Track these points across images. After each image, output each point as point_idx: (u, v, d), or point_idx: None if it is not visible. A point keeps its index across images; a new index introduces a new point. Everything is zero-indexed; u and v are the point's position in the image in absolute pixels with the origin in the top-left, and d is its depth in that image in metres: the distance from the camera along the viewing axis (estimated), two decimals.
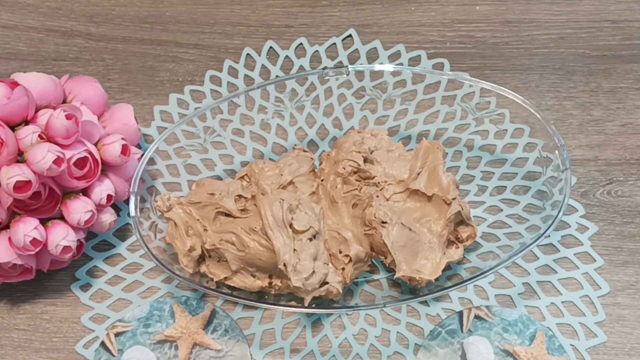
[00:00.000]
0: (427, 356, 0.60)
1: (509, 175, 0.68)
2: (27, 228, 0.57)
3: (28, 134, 0.58)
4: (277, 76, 0.74)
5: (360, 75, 0.71)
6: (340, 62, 0.75)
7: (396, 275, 0.59)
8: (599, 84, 0.73)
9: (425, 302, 0.62)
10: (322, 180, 0.63)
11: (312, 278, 0.56)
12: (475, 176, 0.68)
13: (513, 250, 0.60)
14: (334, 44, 0.76)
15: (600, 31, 0.76)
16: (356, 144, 0.63)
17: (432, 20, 0.78)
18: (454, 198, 0.60)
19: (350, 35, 0.77)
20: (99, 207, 0.62)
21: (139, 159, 0.63)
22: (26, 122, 0.60)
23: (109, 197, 0.62)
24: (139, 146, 0.68)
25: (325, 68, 0.66)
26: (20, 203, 0.58)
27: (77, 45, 0.77)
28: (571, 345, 0.60)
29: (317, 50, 0.76)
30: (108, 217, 0.63)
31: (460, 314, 0.61)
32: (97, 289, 0.64)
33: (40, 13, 0.79)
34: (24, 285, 0.64)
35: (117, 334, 0.61)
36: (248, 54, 0.76)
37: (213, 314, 0.62)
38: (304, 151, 0.66)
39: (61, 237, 0.59)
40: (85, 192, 0.61)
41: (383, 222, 0.59)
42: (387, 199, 0.61)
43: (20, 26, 0.78)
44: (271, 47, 0.76)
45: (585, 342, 0.60)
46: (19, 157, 0.58)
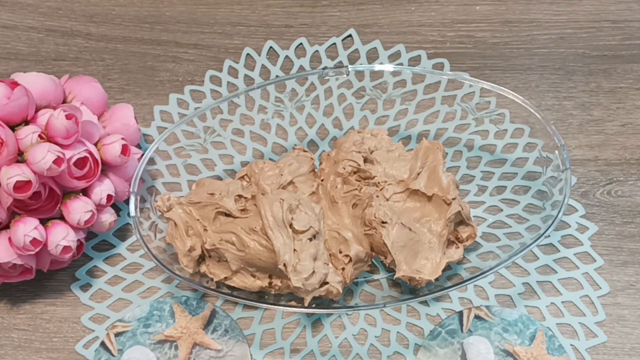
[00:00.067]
0: (427, 356, 0.60)
1: (509, 175, 0.68)
2: (27, 228, 0.57)
3: (28, 134, 0.58)
4: (277, 76, 0.74)
5: (360, 75, 0.71)
6: (340, 62, 0.75)
7: (396, 275, 0.59)
8: (599, 84, 0.73)
9: (425, 302, 0.62)
10: (322, 180, 0.63)
11: (312, 278, 0.56)
12: (475, 176, 0.68)
13: (513, 250, 0.60)
14: (334, 44, 0.76)
15: (600, 31, 0.76)
16: (356, 144, 0.63)
17: (432, 20, 0.78)
18: (454, 198, 0.60)
19: (350, 35, 0.77)
20: (99, 207, 0.62)
21: (139, 159, 0.63)
22: (26, 122, 0.60)
23: (109, 197, 0.62)
24: (139, 146, 0.68)
25: (325, 68, 0.66)
26: (20, 203, 0.58)
27: (77, 45, 0.77)
28: (571, 345, 0.60)
29: (317, 50, 0.76)
30: (108, 217, 0.63)
31: (460, 314, 0.61)
32: (97, 289, 0.64)
33: (40, 13, 0.79)
34: (24, 285, 0.64)
35: (117, 334, 0.61)
36: (248, 54, 0.76)
37: (213, 314, 0.62)
38: (304, 151, 0.66)
39: (61, 237, 0.59)
40: (85, 192, 0.61)
41: (383, 222, 0.59)
42: (387, 199, 0.61)
43: (20, 26, 0.78)
44: (271, 47, 0.76)
45: (585, 342, 0.60)
46: (19, 157, 0.58)
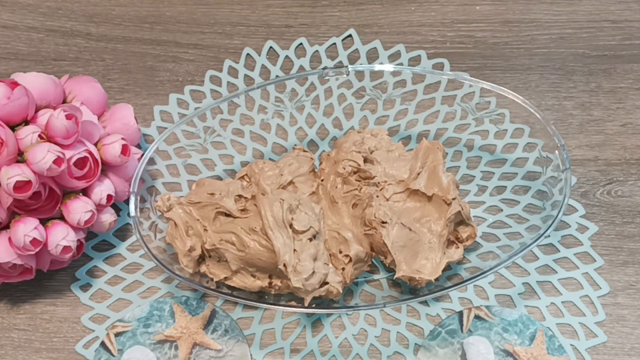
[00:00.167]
0: (427, 356, 0.60)
1: (509, 175, 0.68)
2: (27, 228, 0.57)
3: (28, 134, 0.58)
4: (277, 76, 0.74)
5: (360, 75, 0.71)
6: (340, 62, 0.75)
7: (396, 275, 0.59)
8: (599, 84, 0.73)
9: (425, 302, 0.62)
10: (322, 180, 0.63)
11: (312, 278, 0.56)
12: (475, 176, 0.68)
13: (513, 250, 0.60)
14: (334, 44, 0.76)
15: (600, 31, 0.76)
16: (356, 144, 0.63)
17: (432, 20, 0.78)
18: (454, 198, 0.60)
19: (350, 35, 0.77)
20: (99, 207, 0.62)
21: (139, 159, 0.63)
22: (26, 122, 0.60)
23: (109, 197, 0.62)
24: (139, 146, 0.68)
25: (325, 68, 0.66)
26: (20, 203, 0.58)
27: (77, 45, 0.77)
28: (571, 345, 0.60)
29: (317, 50, 0.76)
30: (108, 217, 0.63)
31: (460, 314, 0.61)
32: (97, 289, 0.64)
33: (40, 13, 0.79)
34: (24, 285, 0.64)
35: (117, 334, 0.61)
36: (248, 54, 0.76)
37: (213, 314, 0.62)
38: (304, 151, 0.66)
39: (61, 237, 0.59)
40: (85, 192, 0.61)
41: (383, 222, 0.59)
42: (387, 199, 0.61)
43: (20, 26, 0.78)
44: (271, 47, 0.76)
45: (585, 342, 0.60)
46: (19, 157, 0.58)
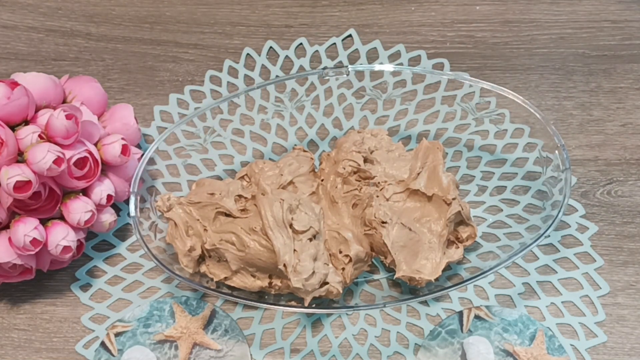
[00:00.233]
0: (427, 356, 0.60)
1: (509, 175, 0.68)
2: (27, 228, 0.57)
3: (28, 134, 0.58)
4: (277, 76, 0.74)
5: (360, 75, 0.71)
6: (340, 62, 0.75)
7: (396, 275, 0.59)
8: (599, 84, 0.73)
9: (425, 302, 0.62)
10: (322, 180, 0.63)
11: (312, 279, 0.56)
12: (475, 176, 0.68)
13: (513, 250, 0.60)
14: (334, 44, 0.76)
15: (600, 31, 0.76)
16: (356, 144, 0.63)
17: (432, 20, 0.78)
18: (454, 198, 0.60)
19: (350, 35, 0.77)
20: (99, 207, 0.62)
21: (139, 159, 0.63)
22: (26, 122, 0.60)
23: (109, 197, 0.62)
24: (139, 146, 0.68)
25: (325, 68, 0.66)
26: (20, 203, 0.58)
27: (77, 45, 0.77)
28: (571, 345, 0.60)
29: (317, 50, 0.76)
30: (108, 217, 0.63)
31: (460, 314, 0.61)
32: (97, 289, 0.64)
33: (40, 13, 0.79)
34: (24, 285, 0.64)
35: (117, 334, 0.61)
36: (248, 54, 0.76)
37: (213, 314, 0.62)
38: (304, 151, 0.66)
39: (61, 237, 0.59)
40: (85, 192, 0.61)
41: (383, 222, 0.59)
42: (387, 199, 0.61)
43: (20, 26, 0.78)
44: (271, 47, 0.76)
45: (585, 342, 0.60)
46: (19, 157, 0.58)
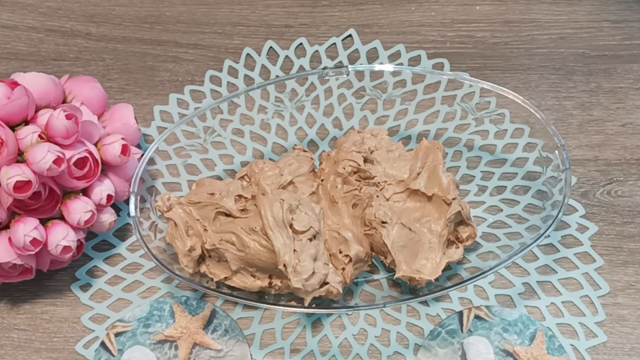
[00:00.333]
0: (427, 356, 0.60)
1: (509, 175, 0.68)
2: (27, 228, 0.57)
3: (28, 134, 0.58)
4: (277, 76, 0.74)
5: (360, 75, 0.71)
6: (340, 62, 0.75)
7: (396, 275, 0.59)
8: (599, 84, 0.73)
9: (425, 302, 0.62)
10: (322, 180, 0.63)
11: (312, 279, 0.56)
12: (475, 176, 0.68)
13: (513, 250, 0.60)
14: (334, 44, 0.76)
15: (600, 31, 0.76)
16: (356, 144, 0.63)
17: (432, 20, 0.78)
18: (454, 198, 0.60)
19: (350, 35, 0.77)
20: (99, 207, 0.62)
21: (139, 159, 0.63)
22: (26, 122, 0.60)
23: (109, 197, 0.62)
24: (139, 146, 0.68)
25: (325, 68, 0.66)
26: (20, 203, 0.58)
27: (77, 45, 0.77)
28: (571, 345, 0.60)
29: (317, 50, 0.76)
30: (108, 217, 0.63)
31: (460, 314, 0.61)
32: (97, 289, 0.64)
33: (40, 13, 0.79)
34: (24, 285, 0.64)
35: (117, 334, 0.61)
36: (248, 54, 0.76)
37: (213, 314, 0.62)
38: (304, 151, 0.66)
39: (61, 237, 0.59)
40: (85, 192, 0.61)
41: (383, 222, 0.59)
42: (387, 199, 0.61)
43: (20, 26, 0.78)
44: (271, 47, 0.76)
45: (585, 342, 0.60)
46: (19, 157, 0.58)
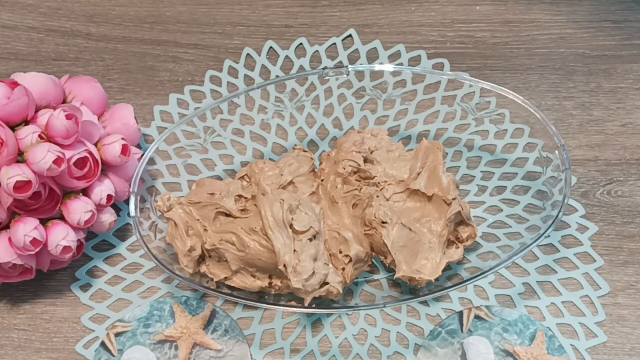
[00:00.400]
0: (427, 356, 0.60)
1: (509, 175, 0.68)
2: (27, 228, 0.57)
3: (28, 134, 0.58)
4: (277, 76, 0.74)
5: (360, 75, 0.71)
6: (340, 62, 0.75)
7: (396, 275, 0.59)
8: (599, 84, 0.73)
9: (425, 302, 0.62)
10: (322, 180, 0.63)
11: (312, 279, 0.56)
12: (475, 176, 0.68)
13: (513, 250, 0.60)
14: (334, 44, 0.76)
15: (600, 31, 0.76)
16: (356, 144, 0.63)
17: (432, 20, 0.78)
18: (454, 198, 0.60)
19: (350, 35, 0.77)
20: (99, 207, 0.62)
21: (139, 159, 0.63)
22: (26, 122, 0.60)
23: (109, 197, 0.62)
24: (139, 146, 0.68)
25: (325, 68, 0.66)
26: (20, 203, 0.58)
27: (77, 45, 0.77)
28: (571, 345, 0.60)
29: (317, 50, 0.76)
30: (108, 217, 0.63)
31: (460, 314, 0.61)
32: (97, 289, 0.64)
33: (40, 13, 0.79)
34: (24, 285, 0.64)
35: (117, 334, 0.61)
36: (248, 54, 0.76)
37: (213, 314, 0.62)
38: (304, 151, 0.66)
39: (61, 237, 0.59)
40: (85, 192, 0.61)
41: (383, 222, 0.59)
42: (387, 199, 0.61)
43: (20, 26, 0.78)
44: (271, 47, 0.76)
45: (585, 342, 0.60)
46: (19, 157, 0.58)
